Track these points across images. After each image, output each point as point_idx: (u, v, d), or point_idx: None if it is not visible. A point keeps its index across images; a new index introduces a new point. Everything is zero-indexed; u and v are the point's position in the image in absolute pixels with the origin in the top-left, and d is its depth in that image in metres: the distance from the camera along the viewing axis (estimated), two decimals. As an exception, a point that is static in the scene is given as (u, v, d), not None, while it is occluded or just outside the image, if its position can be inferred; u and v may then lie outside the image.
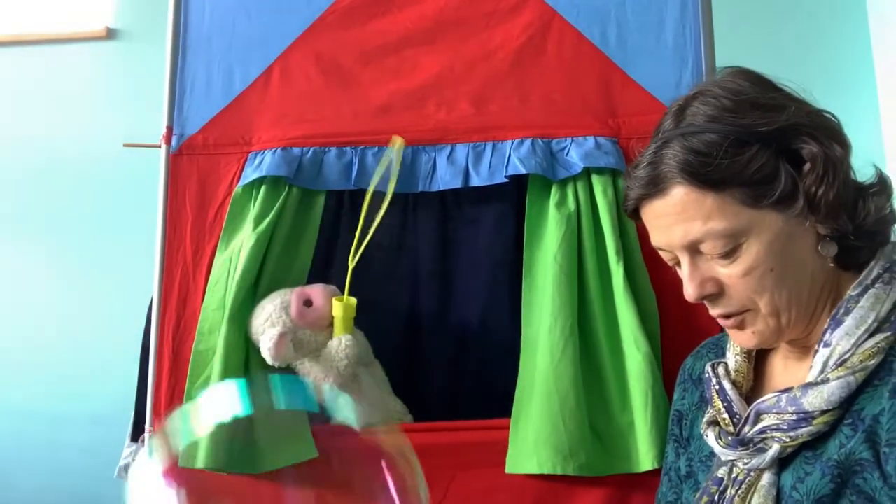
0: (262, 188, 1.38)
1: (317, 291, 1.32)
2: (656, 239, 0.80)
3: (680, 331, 1.29)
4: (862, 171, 0.78)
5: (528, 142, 1.38)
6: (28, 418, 2.53)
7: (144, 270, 1.45)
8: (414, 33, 1.47)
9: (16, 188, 2.66)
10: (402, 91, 1.44)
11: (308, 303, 1.31)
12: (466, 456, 1.30)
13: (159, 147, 1.46)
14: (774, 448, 0.73)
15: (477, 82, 1.44)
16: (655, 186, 0.76)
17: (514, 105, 1.42)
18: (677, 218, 0.76)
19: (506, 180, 1.36)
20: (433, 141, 1.41)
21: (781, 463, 0.75)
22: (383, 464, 0.83)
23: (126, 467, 1.35)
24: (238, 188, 1.40)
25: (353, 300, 1.32)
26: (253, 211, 1.37)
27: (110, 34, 2.73)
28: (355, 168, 1.39)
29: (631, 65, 1.42)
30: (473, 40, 1.45)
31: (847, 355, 0.71)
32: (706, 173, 0.73)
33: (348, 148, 1.41)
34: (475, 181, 1.37)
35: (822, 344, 0.74)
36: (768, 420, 0.75)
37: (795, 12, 2.51)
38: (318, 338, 1.31)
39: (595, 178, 1.36)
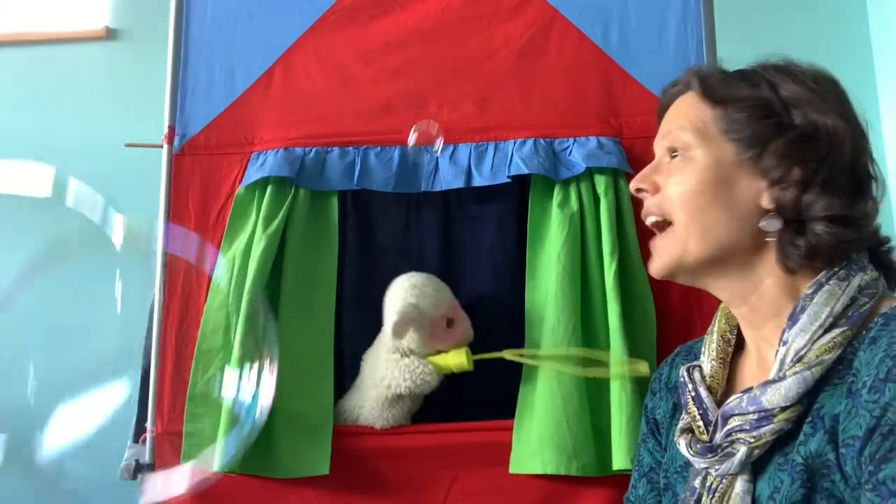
0: (268, 189, 1.38)
1: (465, 324, 1.32)
2: (657, 141, 0.86)
3: (677, 333, 1.29)
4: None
5: (530, 142, 1.38)
6: (29, 418, 2.53)
7: (146, 270, 1.45)
8: (416, 33, 1.47)
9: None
10: (404, 91, 1.44)
11: (450, 323, 1.30)
12: (469, 456, 1.31)
13: (161, 147, 1.46)
14: (741, 451, 0.72)
15: (479, 82, 1.44)
16: (674, 86, 0.87)
17: (517, 105, 1.42)
18: (669, 119, 0.84)
19: (508, 180, 1.37)
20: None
21: (755, 470, 0.74)
22: None
23: (128, 468, 1.34)
24: (241, 188, 1.40)
25: (472, 365, 1.30)
26: (261, 212, 1.37)
27: (110, 34, 2.73)
28: (358, 168, 1.39)
29: (633, 65, 1.42)
30: (475, 40, 1.45)
31: (803, 351, 0.71)
32: (710, 87, 0.81)
33: (351, 148, 1.41)
34: (478, 181, 1.37)
35: (780, 342, 0.74)
36: (733, 422, 0.74)
37: (796, 12, 2.52)
38: (419, 347, 1.30)
39: (597, 178, 1.36)
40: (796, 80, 0.79)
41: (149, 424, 1.36)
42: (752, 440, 0.72)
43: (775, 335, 0.76)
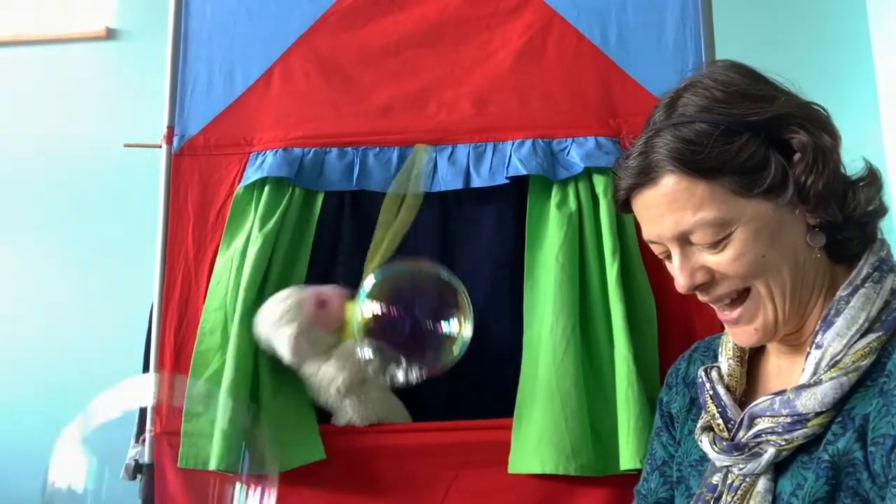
0: (266, 189, 1.38)
1: (331, 293, 1.32)
2: (647, 230, 0.80)
3: (679, 332, 1.30)
4: (855, 164, 0.79)
5: (528, 142, 1.38)
6: (29, 418, 2.53)
7: (146, 270, 1.45)
8: (415, 34, 1.47)
9: (16, 188, 2.66)
10: (402, 91, 1.44)
11: (322, 304, 1.31)
12: (468, 456, 1.31)
13: (160, 147, 1.46)
14: (770, 452, 0.73)
15: (477, 83, 1.44)
16: (646, 175, 0.76)
17: (515, 105, 1.42)
18: (668, 208, 0.76)
19: (507, 181, 1.37)
20: (434, 141, 1.41)
21: (777, 468, 0.74)
22: None
23: (130, 467, 1.34)
24: (239, 189, 1.40)
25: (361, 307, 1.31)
26: (258, 211, 1.37)
27: (110, 34, 2.73)
28: (356, 169, 1.39)
29: (631, 65, 1.42)
30: (474, 41, 1.45)
31: (839, 356, 0.71)
32: (697, 161, 0.73)
33: (349, 149, 1.42)
34: (476, 182, 1.38)
35: (813, 346, 0.74)
36: (763, 424, 0.74)
37: (796, 12, 2.52)
38: (329, 339, 1.31)
39: (596, 178, 1.36)
40: (746, 98, 0.76)
41: (148, 424, 1.36)
42: (784, 443, 0.72)
43: (801, 322, 0.77)
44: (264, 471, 1.28)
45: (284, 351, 1.28)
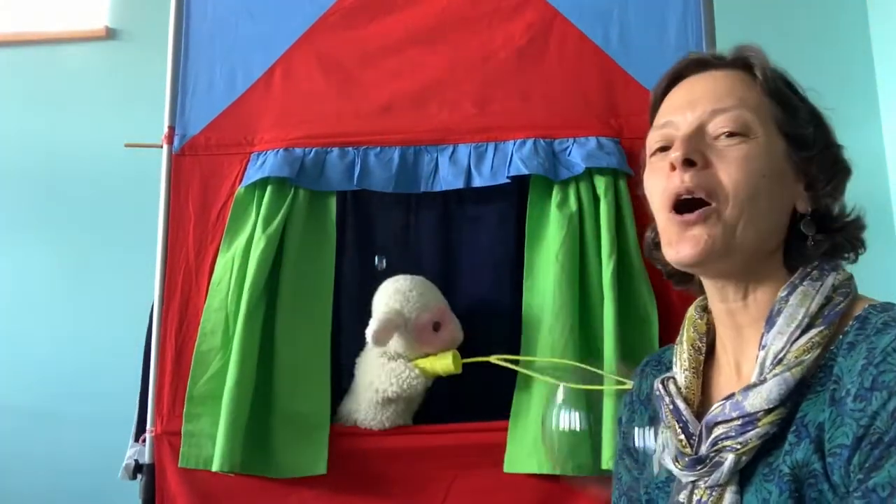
0: (268, 189, 1.38)
1: (451, 324, 1.32)
2: (671, 115, 0.79)
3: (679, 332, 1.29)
4: (856, 166, 0.79)
5: (529, 142, 1.38)
6: (29, 418, 2.53)
7: (147, 270, 1.45)
8: (416, 34, 1.47)
9: (16, 188, 2.66)
10: (404, 91, 1.44)
11: (437, 327, 1.30)
12: (467, 457, 1.31)
13: (161, 147, 1.46)
14: (730, 459, 0.71)
15: (479, 83, 1.44)
16: (729, 59, 0.79)
17: (516, 105, 1.42)
18: (717, 94, 0.77)
19: (508, 181, 1.37)
20: (435, 141, 1.41)
21: (742, 481, 0.73)
22: None
23: (128, 468, 1.34)
24: (240, 189, 1.40)
25: (459, 368, 1.30)
26: (260, 212, 1.37)
27: (110, 34, 2.73)
28: (357, 168, 1.39)
29: (633, 65, 1.42)
30: (475, 41, 1.45)
31: (782, 353, 0.71)
32: (777, 88, 0.77)
33: (350, 148, 1.41)
34: (477, 182, 1.37)
35: (760, 347, 0.73)
36: (718, 430, 0.73)
37: (796, 12, 2.52)
38: (413, 353, 1.31)
39: (597, 179, 1.36)
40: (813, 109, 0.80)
41: (148, 424, 1.36)
42: (739, 446, 0.71)
43: (755, 339, 0.75)
44: (266, 473, 1.29)
45: (372, 325, 1.27)
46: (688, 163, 0.74)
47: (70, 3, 2.75)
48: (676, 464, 0.77)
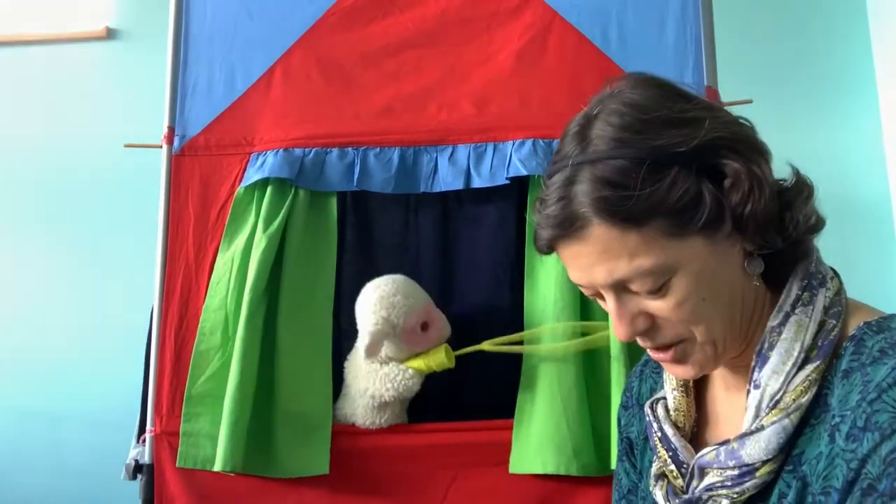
0: (269, 189, 1.38)
1: (438, 320, 1.31)
2: (576, 276, 0.71)
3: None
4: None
5: (529, 142, 1.38)
6: (30, 418, 2.53)
7: (147, 270, 1.45)
8: (415, 34, 1.47)
9: (16, 188, 2.66)
10: (403, 92, 1.44)
11: (425, 326, 1.30)
12: (468, 456, 1.31)
13: (160, 147, 1.46)
14: None
15: (478, 83, 1.44)
16: (571, 226, 0.67)
17: (516, 106, 1.42)
18: (599, 258, 0.67)
19: (507, 182, 1.37)
20: (434, 142, 1.41)
21: None
22: None
23: (128, 468, 1.34)
24: (240, 189, 1.40)
25: (453, 362, 1.31)
26: (261, 213, 1.37)
27: (110, 34, 2.73)
28: (357, 169, 1.39)
29: (632, 65, 1.42)
30: (475, 41, 1.45)
31: (778, 395, 0.67)
32: (625, 208, 0.64)
33: (350, 149, 1.41)
34: (476, 182, 1.38)
35: (752, 385, 0.69)
36: (712, 477, 0.70)
37: (796, 12, 2.51)
38: (404, 353, 1.30)
39: (596, 179, 1.36)
40: (669, 124, 0.66)
41: (148, 425, 1.36)
42: (736, 496, 0.69)
43: (741, 348, 0.73)
44: (267, 473, 1.29)
45: (363, 339, 1.27)
46: (639, 335, 0.71)
47: (70, 3, 2.75)
48: (667, 501, 0.76)
